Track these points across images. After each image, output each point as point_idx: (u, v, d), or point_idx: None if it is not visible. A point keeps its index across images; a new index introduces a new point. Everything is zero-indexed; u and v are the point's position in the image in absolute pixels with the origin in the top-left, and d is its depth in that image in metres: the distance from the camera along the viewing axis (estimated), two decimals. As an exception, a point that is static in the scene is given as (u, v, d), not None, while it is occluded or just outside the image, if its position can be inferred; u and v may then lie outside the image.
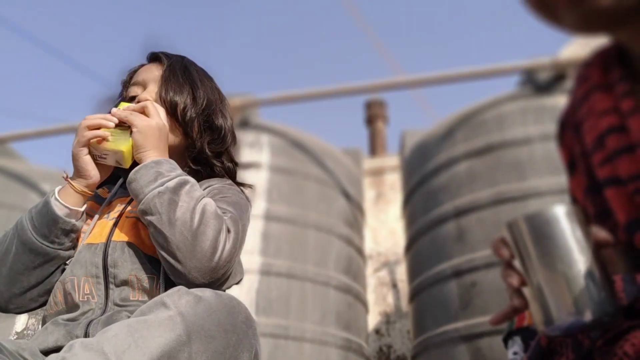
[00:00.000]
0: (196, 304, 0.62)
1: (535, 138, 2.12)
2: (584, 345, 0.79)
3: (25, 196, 2.74)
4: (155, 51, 0.99)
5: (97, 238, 0.83)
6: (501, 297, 1.88)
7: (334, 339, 2.15)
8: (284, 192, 2.37)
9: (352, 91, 2.91)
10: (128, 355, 0.56)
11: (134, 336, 0.58)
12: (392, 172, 4.55)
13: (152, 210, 0.74)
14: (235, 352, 0.63)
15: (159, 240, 0.74)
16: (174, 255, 0.73)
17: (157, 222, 0.74)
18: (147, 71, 0.95)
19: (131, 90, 0.94)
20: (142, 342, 0.57)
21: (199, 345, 0.60)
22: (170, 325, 0.59)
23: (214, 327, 0.62)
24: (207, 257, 0.73)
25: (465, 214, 2.14)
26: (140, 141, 0.80)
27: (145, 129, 0.81)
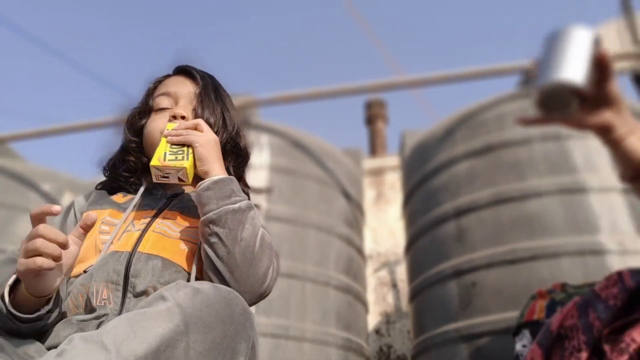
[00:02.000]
0: (194, 296, 0.63)
1: (535, 138, 2.12)
2: (594, 329, 0.79)
3: (25, 196, 2.74)
4: (186, 65, 1.01)
5: (123, 246, 0.83)
6: (501, 297, 1.88)
7: (334, 339, 2.15)
8: (284, 192, 2.37)
9: (352, 91, 2.91)
10: (127, 344, 0.57)
11: (133, 327, 0.59)
12: (392, 172, 4.55)
13: (222, 223, 0.79)
14: (232, 342, 0.64)
15: (219, 252, 0.78)
16: (232, 271, 0.77)
17: (224, 235, 0.78)
18: (179, 85, 0.97)
19: (160, 100, 0.96)
20: (141, 332, 0.58)
21: (197, 335, 0.61)
22: (168, 316, 0.60)
23: (211, 317, 0.63)
24: (259, 282, 0.79)
25: (465, 214, 2.14)
26: (205, 155, 0.85)
27: (207, 143, 0.86)
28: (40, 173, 2.90)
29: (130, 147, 0.97)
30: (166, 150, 0.85)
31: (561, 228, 1.89)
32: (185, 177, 0.85)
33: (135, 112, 0.99)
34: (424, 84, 2.87)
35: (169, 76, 1.02)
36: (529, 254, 1.88)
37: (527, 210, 1.98)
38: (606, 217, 1.87)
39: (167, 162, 0.84)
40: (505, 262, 1.92)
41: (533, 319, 1.19)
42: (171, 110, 0.94)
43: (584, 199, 1.93)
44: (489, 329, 1.85)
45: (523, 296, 1.72)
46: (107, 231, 0.87)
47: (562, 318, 0.92)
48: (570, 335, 0.79)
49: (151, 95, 0.99)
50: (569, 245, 1.83)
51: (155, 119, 0.95)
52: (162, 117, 0.95)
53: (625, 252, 1.78)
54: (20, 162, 3.18)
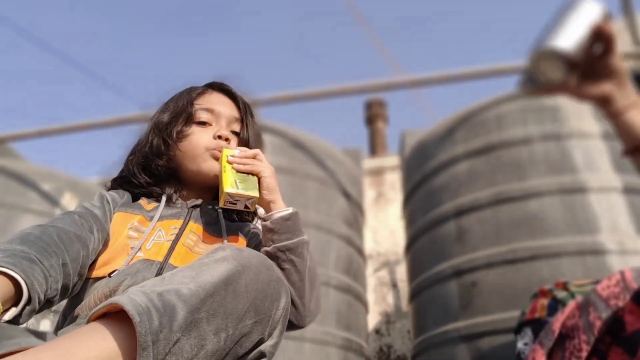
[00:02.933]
0: (240, 251, 0.71)
1: (535, 138, 2.12)
2: (595, 329, 0.79)
3: (25, 196, 2.74)
4: (228, 86, 1.05)
5: (155, 255, 0.85)
6: (501, 297, 1.88)
7: (334, 338, 2.15)
8: (284, 192, 2.36)
9: (352, 91, 2.91)
10: (199, 278, 0.64)
11: (199, 269, 0.66)
12: (392, 172, 4.55)
13: (298, 253, 0.87)
14: (277, 285, 0.71)
15: (291, 278, 0.85)
16: (302, 296, 0.86)
17: (298, 263, 0.86)
18: (222, 105, 1.01)
19: (201, 114, 0.98)
20: (208, 270, 0.65)
21: (252, 275, 0.68)
22: (226, 261, 0.68)
23: (259, 265, 0.70)
24: (317, 307, 0.91)
25: (465, 214, 2.15)
26: (272, 185, 0.93)
27: (272, 173, 0.94)
28: (40, 173, 2.90)
29: (161, 151, 0.97)
30: (235, 178, 0.89)
31: (561, 228, 1.89)
32: (252, 206, 0.91)
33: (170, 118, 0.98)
34: (424, 84, 2.87)
35: (210, 90, 1.03)
36: (529, 254, 1.88)
37: (527, 210, 1.98)
38: (606, 217, 1.87)
39: (241, 190, 0.89)
40: (505, 262, 1.92)
41: (534, 317, 1.19)
42: (217, 130, 0.96)
43: (584, 199, 1.93)
44: (489, 329, 1.85)
45: (523, 296, 1.72)
46: (135, 237, 0.87)
47: (564, 318, 0.92)
48: (572, 335, 0.80)
49: (191, 104, 0.99)
50: (569, 245, 1.83)
51: (198, 131, 0.96)
52: (205, 132, 0.96)
53: (625, 252, 1.78)
54: (20, 162, 3.18)
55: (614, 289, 0.90)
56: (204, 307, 0.62)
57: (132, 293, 0.61)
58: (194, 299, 0.61)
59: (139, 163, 0.98)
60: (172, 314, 0.59)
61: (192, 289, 0.62)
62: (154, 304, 0.59)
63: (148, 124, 1.02)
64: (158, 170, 0.97)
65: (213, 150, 0.95)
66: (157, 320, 0.57)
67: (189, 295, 0.61)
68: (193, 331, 0.60)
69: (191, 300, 0.61)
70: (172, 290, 0.62)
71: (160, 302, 0.59)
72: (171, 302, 0.60)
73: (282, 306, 0.71)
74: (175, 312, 0.59)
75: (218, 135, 0.96)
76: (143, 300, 0.59)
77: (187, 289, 0.62)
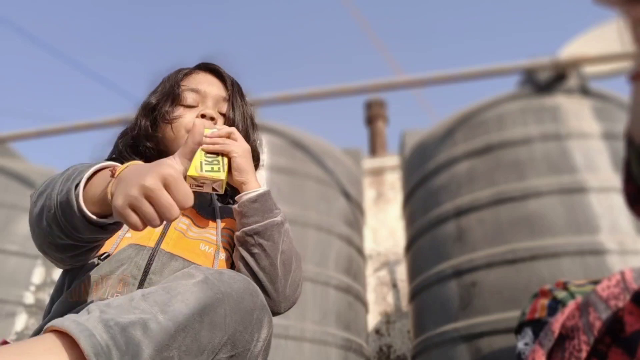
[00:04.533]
0: (220, 274, 0.65)
1: (535, 138, 2.12)
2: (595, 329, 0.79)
3: (25, 196, 2.74)
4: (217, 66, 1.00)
5: (145, 241, 0.82)
6: (501, 297, 1.88)
7: (334, 338, 2.15)
8: (284, 192, 2.37)
9: (352, 91, 2.91)
10: (171, 306, 0.57)
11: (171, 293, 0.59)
12: (392, 172, 4.55)
13: (267, 236, 0.82)
14: (260, 315, 0.66)
15: (261, 263, 0.81)
16: (273, 282, 0.81)
17: (269, 247, 0.82)
18: (208, 85, 0.97)
19: (187, 95, 0.94)
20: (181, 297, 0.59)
21: (232, 304, 0.62)
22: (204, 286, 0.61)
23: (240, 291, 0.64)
24: (294, 292, 0.85)
25: (465, 214, 2.14)
26: (243, 165, 0.86)
27: (244, 153, 0.86)
28: (40, 173, 2.90)
29: (148, 134, 0.94)
30: (202, 160, 0.84)
31: (561, 228, 1.89)
32: (220, 188, 0.84)
33: (157, 100, 0.96)
34: (424, 84, 2.87)
35: (196, 70, 1.00)
36: (529, 254, 1.88)
37: (527, 210, 1.98)
38: (606, 217, 1.87)
39: (204, 172, 0.82)
40: (505, 262, 1.92)
41: (535, 318, 1.19)
42: (202, 109, 0.93)
43: (584, 199, 1.93)
44: (489, 329, 1.85)
45: (523, 296, 1.72)
46: None
47: (564, 318, 0.92)
48: (571, 335, 0.80)
49: (178, 85, 0.96)
50: (569, 245, 1.83)
51: (182, 112, 0.93)
52: (190, 113, 0.93)
53: (625, 252, 1.78)
54: (20, 162, 3.18)
55: (614, 289, 0.90)
56: (175, 344, 0.55)
57: (92, 322, 0.53)
58: (163, 335, 0.54)
59: (128, 144, 0.96)
60: (136, 354, 0.52)
61: (161, 322, 0.55)
62: (116, 342, 0.52)
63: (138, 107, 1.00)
64: (147, 153, 0.95)
65: None
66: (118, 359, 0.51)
67: (157, 330, 0.54)
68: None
69: (159, 337, 0.54)
70: (137, 323, 0.54)
71: (123, 339, 0.52)
72: (135, 339, 0.53)
73: (263, 338, 0.66)
74: (140, 352, 0.53)
75: (202, 114, 0.92)
76: (104, 337, 0.52)
77: (156, 323, 0.55)
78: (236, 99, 0.97)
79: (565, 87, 2.30)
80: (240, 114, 0.96)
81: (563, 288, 1.19)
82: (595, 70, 2.47)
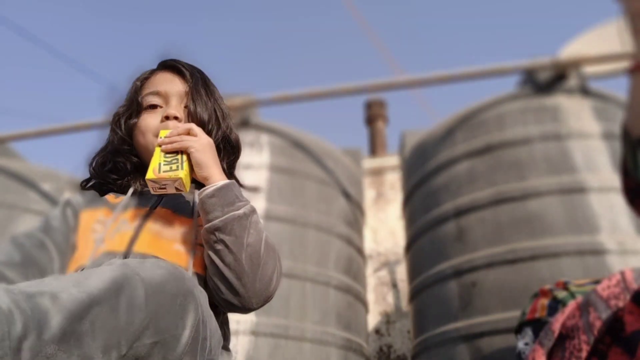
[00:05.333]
0: (142, 262, 0.62)
1: (535, 138, 2.12)
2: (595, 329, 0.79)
3: (25, 196, 2.74)
4: (173, 61, 0.97)
5: (117, 246, 0.81)
6: (501, 297, 1.88)
7: (334, 338, 2.15)
8: (284, 192, 2.37)
9: (352, 91, 2.91)
10: (85, 283, 0.54)
11: (86, 274, 0.56)
12: (392, 172, 4.55)
13: (228, 230, 0.77)
14: (184, 301, 0.61)
15: (225, 259, 0.77)
16: (240, 277, 0.77)
17: (230, 242, 0.77)
18: (168, 83, 0.94)
19: (149, 99, 0.93)
20: (96, 275, 0.55)
21: (154, 286, 0.58)
22: (123, 267, 0.58)
23: (164, 275, 0.60)
24: (266, 285, 0.79)
25: (465, 214, 2.14)
26: (202, 160, 0.83)
27: (202, 147, 0.83)
28: (40, 173, 2.90)
29: (120, 148, 0.93)
30: (160, 161, 0.82)
31: (561, 228, 1.89)
32: (183, 187, 0.83)
33: (123, 111, 0.95)
34: (424, 84, 2.87)
35: (155, 72, 0.98)
36: (529, 254, 1.88)
37: (527, 210, 1.98)
38: (606, 217, 1.87)
39: (162, 174, 0.81)
40: (505, 262, 1.92)
41: (535, 317, 1.19)
42: (164, 111, 0.91)
43: (584, 199, 1.93)
44: (489, 329, 1.85)
45: (523, 296, 1.72)
46: (99, 230, 0.85)
47: (564, 318, 0.92)
48: (572, 335, 0.80)
49: (139, 93, 0.95)
50: (569, 245, 1.83)
51: (146, 117, 0.92)
52: (153, 116, 0.92)
53: (625, 252, 1.78)
54: (20, 162, 3.18)
55: (614, 289, 0.90)
56: (88, 317, 0.51)
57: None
58: (75, 305, 0.51)
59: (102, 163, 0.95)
60: (43, 320, 0.49)
61: (73, 293, 0.52)
62: (19, 306, 0.48)
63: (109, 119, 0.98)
64: (121, 167, 0.94)
65: None
66: (21, 324, 0.47)
67: (68, 300, 0.51)
68: (74, 347, 0.50)
69: (71, 307, 0.51)
70: (46, 293, 0.51)
71: (27, 305, 0.49)
72: (43, 306, 0.49)
73: (189, 324, 0.61)
74: (48, 318, 0.49)
75: (165, 116, 0.90)
76: (4, 300, 0.48)
77: (68, 294, 0.51)
78: (197, 90, 0.93)
79: (565, 87, 2.30)
80: (202, 105, 0.92)
81: (563, 288, 1.19)
82: (595, 70, 2.47)
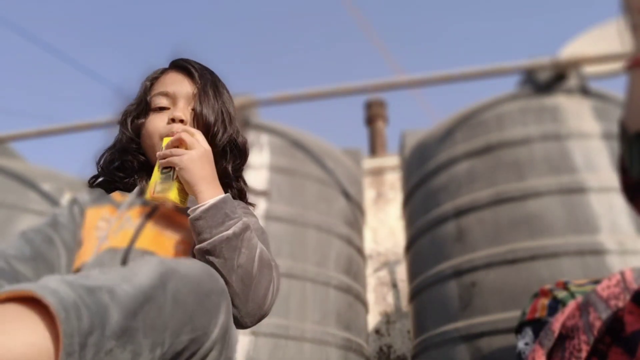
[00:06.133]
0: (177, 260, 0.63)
1: (534, 138, 2.12)
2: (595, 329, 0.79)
3: (25, 196, 2.74)
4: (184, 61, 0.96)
5: (120, 243, 0.81)
6: (501, 297, 1.88)
7: (334, 338, 2.15)
8: (284, 192, 2.37)
9: (352, 91, 2.91)
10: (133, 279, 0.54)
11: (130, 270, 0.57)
12: (392, 172, 4.55)
13: (217, 253, 0.75)
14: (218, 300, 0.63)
15: None
16: (232, 298, 0.75)
17: (220, 265, 0.75)
18: (177, 84, 0.93)
19: (157, 100, 0.92)
20: (142, 272, 0.56)
21: (193, 284, 0.60)
22: (164, 264, 0.59)
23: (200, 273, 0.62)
24: (259, 304, 0.77)
25: (465, 214, 2.15)
26: (188, 177, 0.79)
27: (188, 163, 0.79)
28: (40, 173, 2.90)
29: (127, 147, 0.93)
30: (157, 179, 0.80)
31: (561, 228, 1.89)
32: (178, 204, 0.81)
33: (132, 110, 0.95)
34: (424, 84, 2.87)
35: (166, 71, 0.97)
36: (529, 254, 1.88)
37: (527, 210, 1.98)
38: (606, 217, 1.87)
39: (156, 194, 0.79)
40: (505, 262, 1.92)
41: (535, 317, 1.19)
42: (170, 113, 0.90)
43: (584, 199, 1.93)
44: (489, 329, 1.85)
45: (523, 296, 1.72)
46: (103, 228, 0.86)
47: (564, 318, 0.92)
48: (571, 335, 0.80)
49: (148, 93, 0.94)
50: (569, 245, 1.83)
51: (154, 119, 0.91)
52: (160, 117, 0.91)
53: (625, 252, 1.78)
54: (20, 162, 3.18)
55: (614, 289, 0.90)
56: (141, 313, 0.52)
57: (53, 282, 0.48)
58: (130, 302, 0.51)
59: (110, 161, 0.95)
60: (105, 315, 0.48)
61: (126, 289, 0.52)
62: (84, 301, 0.47)
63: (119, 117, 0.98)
64: (129, 165, 0.94)
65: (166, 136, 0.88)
66: (88, 319, 0.46)
67: (124, 296, 0.51)
68: (128, 343, 0.50)
69: (127, 303, 0.51)
70: (103, 287, 0.51)
71: (90, 299, 0.48)
72: (103, 301, 0.49)
73: (220, 323, 0.62)
74: (109, 316, 0.48)
75: (171, 118, 0.89)
76: (70, 294, 0.47)
77: (122, 290, 0.52)
78: (204, 92, 0.91)
79: (565, 87, 2.30)
80: (208, 108, 0.90)
81: (563, 288, 1.19)
82: (595, 70, 2.47)
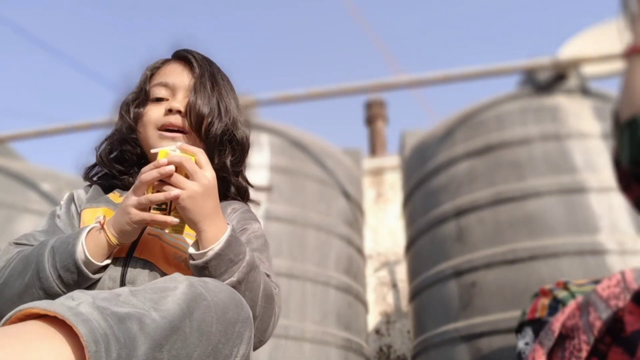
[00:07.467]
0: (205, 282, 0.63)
1: (534, 138, 2.12)
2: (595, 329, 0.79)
3: (25, 196, 2.74)
4: (185, 51, 0.95)
5: (118, 252, 0.80)
6: (501, 297, 1.88)
7: (334, 339, 2.15)
8: (284, 192, 2.37)
9: (352, 91, 2.91)
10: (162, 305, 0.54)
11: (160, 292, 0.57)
12: (392, 172, 4.55)
13: None
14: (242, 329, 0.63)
15: None
16: None
17: None
18: (177, 75, 0.91)
19: (156, 90, 0.91)
20: (172, 297, 0.56)
21: (219, 312, 0.59)
22: (192, 289, 0.59)
23: (227, 300, 0.62)
24: (260, 339, 0.79)
25: (465, 214, 2.14)
26: (189, 216, 0.74)
27: (188, 203, 0.73)
28: (40, 173, 2.90)
29: (127, 136, 0.91)
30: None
31: (561, 228, 1.89)
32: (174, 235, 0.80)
33: (132, 99, 0.93)
34: (424, 84, 2.87)
35: (167, 62, 0.96)
36: (529, 254, 1.88)
37: (527, 210, 1.98)
38: (606, 217, 1.87)
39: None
40: (505, 262, 1.92)
41: (535, 317, 1.19)
42: (168, 103, 0.89)
43: (584, 199, 1.93)
44: (489, 329, 1.85)
45: (523, 296, 1.72)
46: None
47: (564, 318, 0.92)
48: (572, 335, 0.80)
49: (148, 82, 0.93)
50: (569, 245, 1.83)
51: (151, 109, 0.90)
52: (157, 108, 0.89)
53: (625, 252, 1.78)
54: (20, 162, 3.18)
55: (614, 289, 0.90)
56: (167, 345, 0.52)
57: (86, 307, 0.49)
58: (158, 333, 0.51)
59: (109, 151, 0.93)
60: (132, 348, 0.49)
61: (156, 319, 0.52)
62: (114, 332, 0.48)
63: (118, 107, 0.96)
64: (127, 157, 0.92)
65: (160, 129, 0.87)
66: (116, 352, 0.47)
67: (152, 327, 0.51)
68: None
69: (155, 334, 0.51)
70: (133, 316, 0.51)
71: (120, 331, 0.49)
72: (132, 332, 0.50)
73: (241, 354, 0.62)
74: (136, 347, 0.49)
75: (168, 109, 0.87)
76: (101, 324, 0.48)
77: (151, 319, 0.52)
78: (201, 83, 0.89)
79: (565, 87, 2.30)
80: (204, 99, 0.87)
81: (564, 288, 1.19)
82: (595, 70, 2.47)
